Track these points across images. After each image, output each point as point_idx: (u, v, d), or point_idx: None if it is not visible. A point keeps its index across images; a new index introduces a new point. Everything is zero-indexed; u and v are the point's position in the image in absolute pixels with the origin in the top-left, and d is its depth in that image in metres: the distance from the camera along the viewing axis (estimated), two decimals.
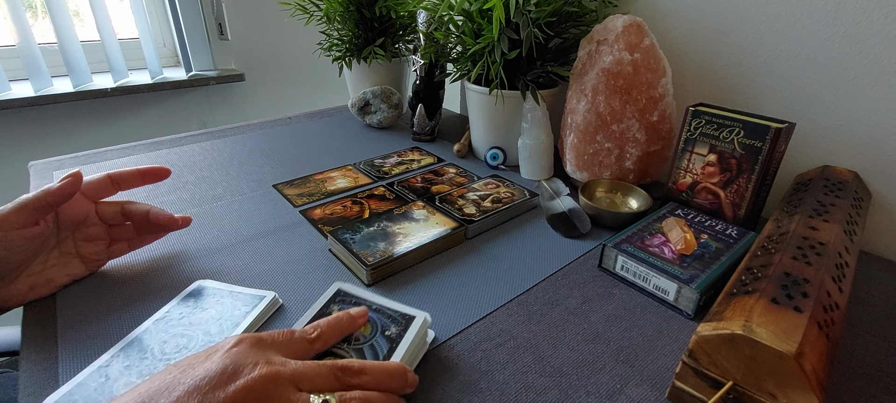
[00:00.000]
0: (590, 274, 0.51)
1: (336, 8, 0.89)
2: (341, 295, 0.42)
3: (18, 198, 0.41)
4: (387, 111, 0.93)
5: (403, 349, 0.36)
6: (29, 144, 1.32)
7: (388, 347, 0.36)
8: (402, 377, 0.34)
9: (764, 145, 0.53)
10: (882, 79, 0.54)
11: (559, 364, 0.39)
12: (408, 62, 0.99)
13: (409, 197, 0.65)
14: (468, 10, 0.68)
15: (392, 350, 0.36)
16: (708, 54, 0.68)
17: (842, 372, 0.39)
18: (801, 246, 0.41)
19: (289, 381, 0.29)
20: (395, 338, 0.37)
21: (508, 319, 0.44)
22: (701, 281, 0.44)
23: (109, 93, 1.32)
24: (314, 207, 0.63)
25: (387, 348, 0.36)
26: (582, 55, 0.65)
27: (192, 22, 1.45)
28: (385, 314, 0.40)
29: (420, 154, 0.82)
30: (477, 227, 0.58)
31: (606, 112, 0.62)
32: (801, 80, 0.60)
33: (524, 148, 0.72)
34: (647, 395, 0.36)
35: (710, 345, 0.33)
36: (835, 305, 0.36)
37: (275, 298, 0.44)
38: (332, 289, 0.43)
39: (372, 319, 0.39)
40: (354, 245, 0.51)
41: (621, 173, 0.66)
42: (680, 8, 0.69)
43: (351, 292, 0.42)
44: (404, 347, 0.36)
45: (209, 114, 1.59)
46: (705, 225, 0.55)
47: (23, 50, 1.20)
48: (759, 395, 0.32)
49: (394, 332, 0.38)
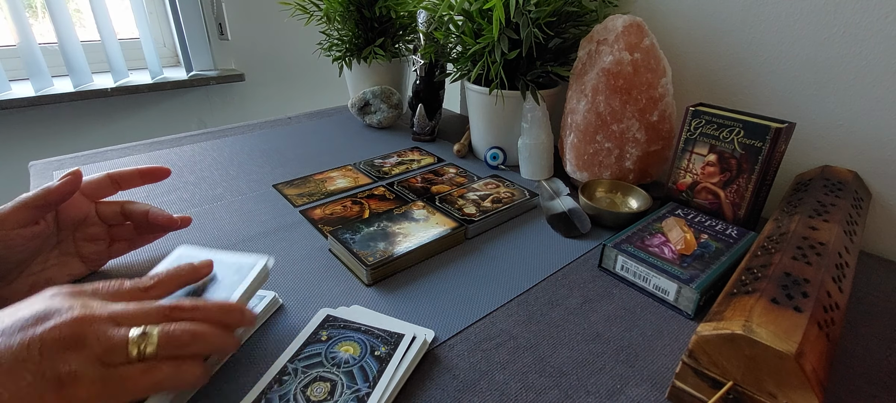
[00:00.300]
0: (590, 274, 0.51)
1: (336, 8, 0.89)
2: (331, 319, 0.41)
3: (18, 197, 0.41)
4: (387, 111, 0.93)
5: (242, 289, 0.37)
6: (29, 144, 1.32)
7: (378, 367, 0.36)
8: (237, 313, 0.33)
9: (764, 145, 0.53)
10: (882, 79, 0.54)
11: (559, 364, 0.39)
12: (408, 62, 0.99)
13: (409, 197, 0.65)
14: (468, 10, 0.68)
15: (381, 371, 0.35)
16: (708, 54, 0.68)
17: (842, 372, 0.39)
18: (801, 246, 0.41)
19: (107, 320, 0.28)
20: (384, 358, 0.37)
21: (508, 319, 0.44)
22: (701, 281, 0.44)
23: (109, 93, 1.32)
24: (314, 207, 0.63)
25: (377, 368, 0.36)
26: (582, 55, 0.65)
27: (193, 22, 1.45)
28: (374, 334, 0.39)
29: (420, 154, 0.82)
30: (477, 227, 0.58)
31: (606, 112, 0.62)
32: (801, 80, 0.60)
33: (524, 148, 0.72)
34: (647, 395, 0.36)
35: (710, 345, 0.33)
36: (835, 305, 0.36)
37: (275, 298, 0.44)
38: (321, 315, 0.42)
39: (361, 340, 0.39)
40: (354, 245, 0.51)
41: (621, 173, 0.66)
42: (680, 8, 0.69)
43: (339, 316, 0.42)
44: (244, 287, 0.37)
45: (209, 114, 1.59)
46: (705, 225, 0.55)
47: (23, 50, 1.20)
48: (759, 395, 0.32)
49: (383, 352, 0.37)
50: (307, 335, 0.39)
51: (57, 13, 1.22)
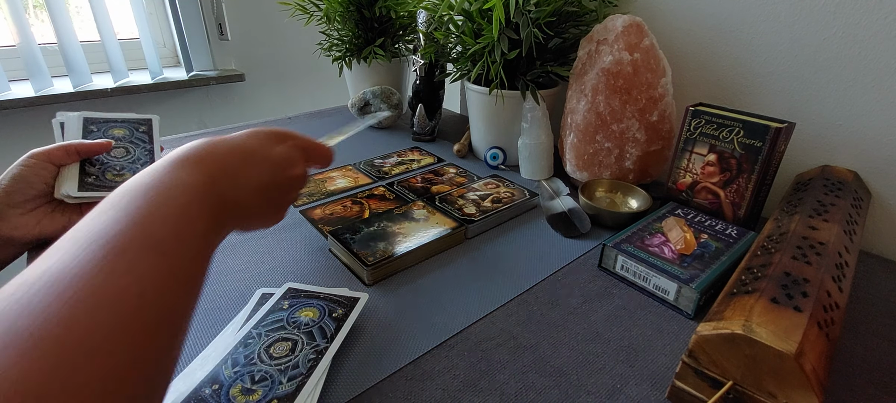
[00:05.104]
0: (590, 274, 0.51)
1: (336, 8, 0.89)
2: (293, 291, 0.45)
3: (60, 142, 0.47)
4: (387, 111, 0.93)
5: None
6: (29, 144, 1.31)
7: (335, 325, 0.40)
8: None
9: (764, 145, 0.53)
10: (882, 79, 0.54)
11: (559, 363, 0.39)
12: (408, 62, 0.99)
13: (409, 197, 0.65)
14: (468, 10, 0.68)
15: (339, 329, 0.40)
16: (708, 54, 0.68)
17: (842, 372, 0.39)
18: (801, 245, 0.41)
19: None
20: (341, 318, 0.41)
21: (508, 319, 0.44)
22: (701, 281, 0.44)
23: (109, 93, 1.32)
24: (314, 207, 0.63)
25: (334, 327, 0.40)
26: (582, 55, 0.65)
27: (192, 22, 1.45)
28: (332, 300, 0.43)
29: (420, 154, 0.82)
30: (477, 227, 0.58)
31: (606, 112, 0.62)
32: (801, 80, 0.60)
33: (524, 148, 0.72)
34: (647, 395, 0.36)
35: (710, 345, 0.33)
36: (835, 305, 0.36)
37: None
38: (284, 288, 0.45)
39: (320, 305, 0.43)
40: (354, 245, 0.51)
41: (621, 173, 0.66)
42: (680, 8, 0.69)
43: (301, 287, 0.45)
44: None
45: (209, 114, 1.59)
46: (705, 224, 0.55)
47: (23, 50, 1.20)
48: (759, 395, 0.32)
49: (340, 313, 0.41)
50: (270, 305, 0.43)
51: (57, 13, 1.21)
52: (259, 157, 0.34)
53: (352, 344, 0.40)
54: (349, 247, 0.50)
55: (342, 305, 0.42)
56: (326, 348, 0.38)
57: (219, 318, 0.43)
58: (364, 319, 0.43)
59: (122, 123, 0.57)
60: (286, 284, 0.45)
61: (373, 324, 0.43)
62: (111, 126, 0.55)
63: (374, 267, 0.48)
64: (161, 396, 0.21)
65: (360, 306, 0.42)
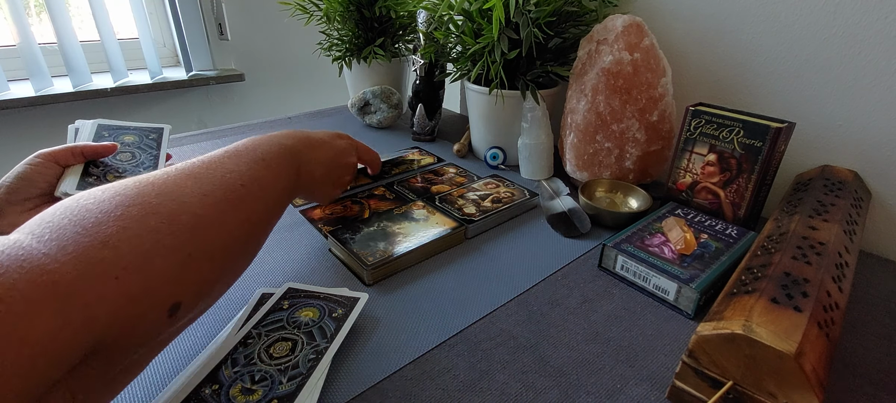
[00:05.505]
0: (590, 274, 0.51)
1: (336, 8, 0.89)
2: (292, 291, 0.45)
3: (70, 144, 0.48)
4: (387, 111, 0.93)
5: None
6: (29, 144, 1.32)
7: (335, 325, 0.40)
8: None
9: (764, 145, 0.53)
10: (882, 79, 0.54)
11: (559, 364, 0.39)
12: (408, 62, 0.99)
13: (409, 197, 0.65)
14: (468, 10, 0.68)
15: (339, 329, 0.40)
16: (708, 54, 0.68)
17: (842, 372, 0.39)
18: (801, 245, 0.41)
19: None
20: (341, 318, 0.41)
21: (508, 319, 0.44)
22: (701, 281, 0.44)
23: (109, 93, 1.32)
24: (314, 207, 0.62)
25: (334, 326, 0.40)
26: (582, 55, 0.65)
27: (192, 22, 1.45)
28: (332, 300, 0.44)
29: (420, 154, 0.82)
30: (477, 227, 0.58)
31: (606, 112, 0.62)
32: (801, 80, 0.60)
33: (524, 148, 0.72)
34: (647, 395, 0.36)
35: (710, 345, 0.33)
36: (835, 305, 0.36)
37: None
38: (283, 288, 0.45)
39: (320, 306, 0.43)
40: (354, 245, 0.51)
41: (621, 173, 0.66)
42: (680, 8, 0.69)
43: (300, 288, 0.45)
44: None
45: (209, 114, 1.59)
46: (705, 224, 0.55)
47: (23, 50, 1.20)
48: (759, 395, 0.32)
49: (341, 313, 0.42)
50: (270, 305, 0.42)
51: (56, 13, 1.21)
52: (327, 145, 0.49)
53: (352, 344, 0.40)
54: (349, 247, 0.50)
55: (342, 305, 0.42)
56: (326, 348, 0.38)
57: (218, 318, 0.43)
58: (364, 319, 0.43)
59: (134, 130, 0.57)
60: (286, 284, 0.45)
61: (373, 324, 0.43)
62: (122, 132, 0.56)
63: (374, 267, 0.48)
64: (248, 260, 0.37)
65: (359, 306, 0.42)
